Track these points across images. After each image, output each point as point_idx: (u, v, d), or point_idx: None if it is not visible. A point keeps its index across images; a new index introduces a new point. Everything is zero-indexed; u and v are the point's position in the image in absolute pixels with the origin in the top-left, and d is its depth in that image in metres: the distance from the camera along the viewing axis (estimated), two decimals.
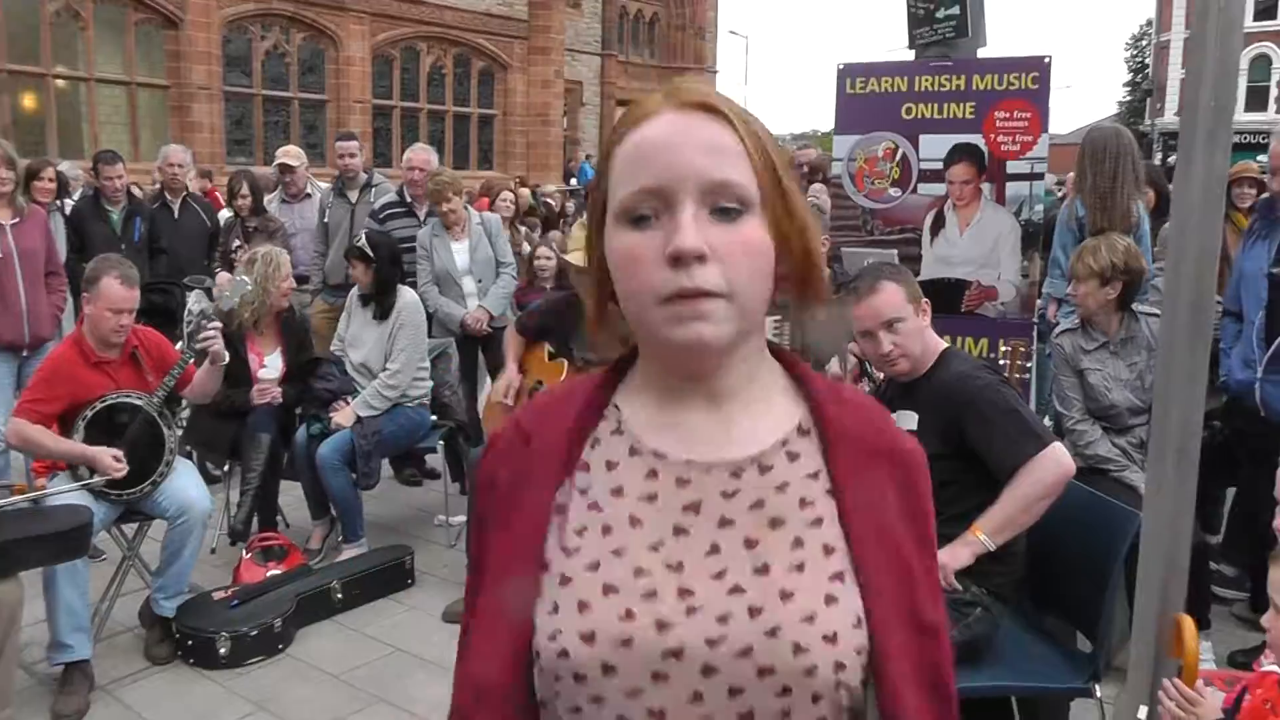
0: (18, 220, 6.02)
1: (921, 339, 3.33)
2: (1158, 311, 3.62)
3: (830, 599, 1.05)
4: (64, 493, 4.25)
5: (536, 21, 30.55)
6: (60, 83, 22.19)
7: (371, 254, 5.76)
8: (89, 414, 4.39)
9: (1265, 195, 4.70)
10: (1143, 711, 2.36)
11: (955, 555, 3.09)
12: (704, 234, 1.00)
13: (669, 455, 1.09)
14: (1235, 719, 2.33)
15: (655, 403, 1.12)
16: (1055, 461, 3.08)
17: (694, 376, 1.10)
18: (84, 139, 22.07)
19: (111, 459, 4.34)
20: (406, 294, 5.95)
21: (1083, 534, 3.33)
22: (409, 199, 7.22)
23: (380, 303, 5.83)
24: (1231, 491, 5.21)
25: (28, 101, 21.78)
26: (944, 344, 3.41)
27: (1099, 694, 3.17)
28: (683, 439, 1.10)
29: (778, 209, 1.06)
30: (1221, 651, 4.34)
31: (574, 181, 22.98)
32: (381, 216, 7.08)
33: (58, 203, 7.69)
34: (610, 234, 1.07)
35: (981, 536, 3.09)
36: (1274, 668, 2.36)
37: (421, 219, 7.06)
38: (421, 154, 7.37)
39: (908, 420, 3.29)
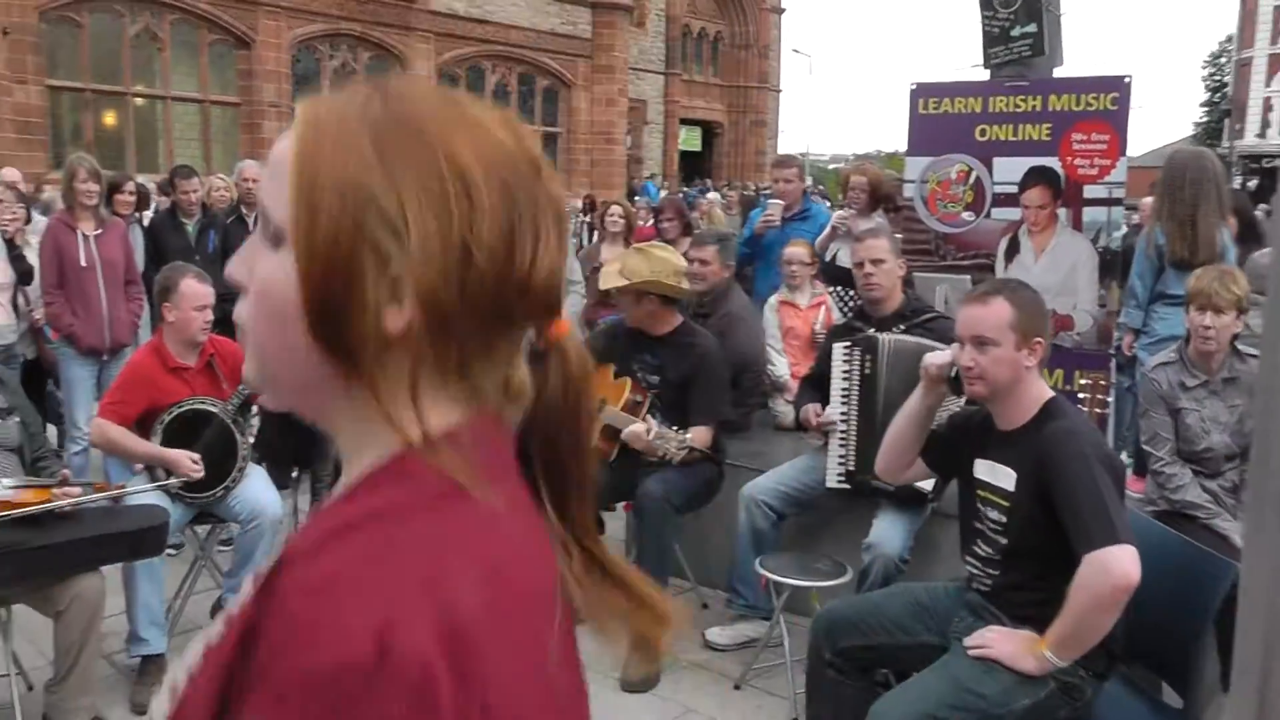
0: (100, 231, 6.32)
1: (1014, 374, 3.04)
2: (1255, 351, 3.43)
3: None
4: (142, 492, 4.31)
5: (600, 40, 30.69)
6: (139, 101, 22.94)
7: None
8: (166, 418, 4.45)
9: None
10: None
11: (1019, 661, 2.88)
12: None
13: None
14: None
15: None
16: (1105, 570, 2.71)
17: None
18: (159, 154, 22.73)
19: (189, 461, 4.40)
20: None
21: (1172, 583, 3.14)
22: None
23: None
24: None
25: (109, 119, 22.57)
26: (1049, 394, 3.12)
27: None
28: None
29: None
30: None
31: (637, 200, 22.98)
32: None
33: (137, 215, 7.84)
34: None
35: (1048, 653, 2.84)
36: None
37: None
38: None
39: (1005, 479, 3.09)
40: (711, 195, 20.03)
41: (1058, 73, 5.28)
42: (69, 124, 21.77)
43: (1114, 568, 2.71)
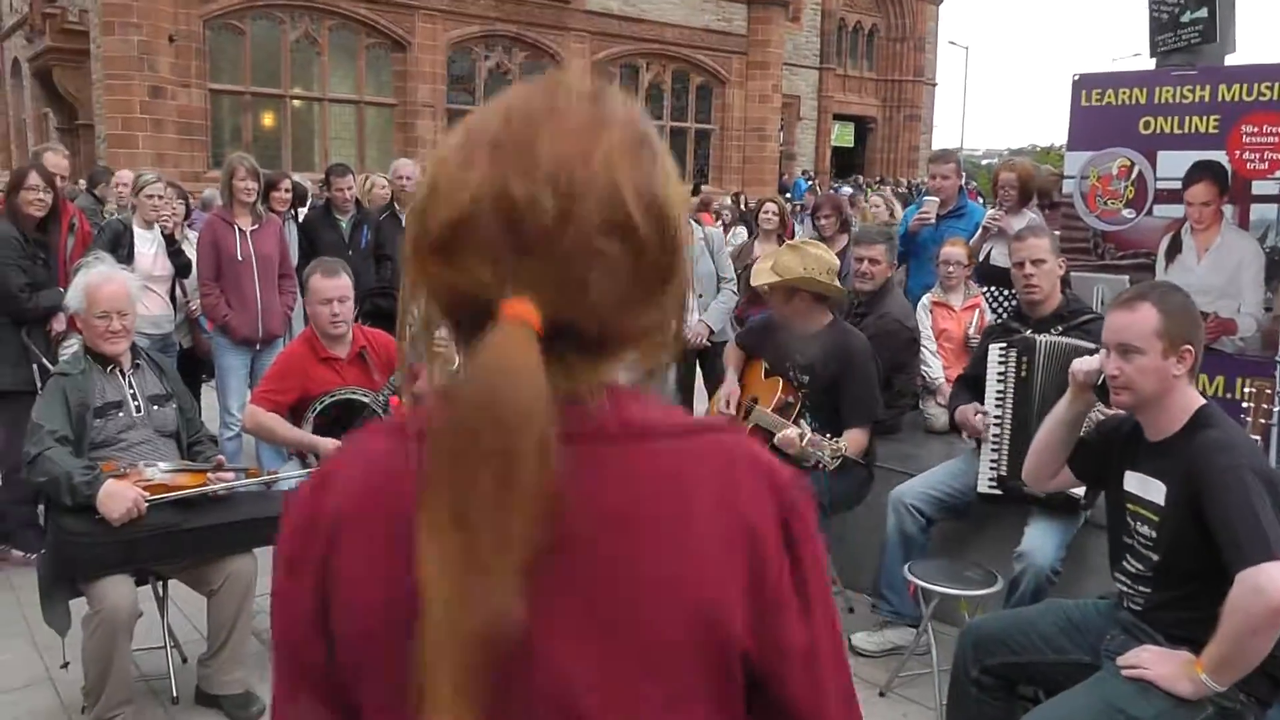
0: (256, 227, 6.66)
1: (1161, 383, 2.92)
2: None
3: None
4: (294, 478, 4.43)
5: (755, 36, 30.60)
6: (296, 103, 23.94)
7: None
8: (318, 406, 4.59)
9: None
10: None
11: (1175, 684, 2.75)
12: None
13: None
14: None
15: None
16: (1259, 589, 2.57)
17: None
18: (315, 154, 23.62)
19: (336, 448, 4.48)
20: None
21: None
22: None
23: None
24: None
25: (267, 120, 23.65)
26: (1200, 402, 2.98)
27: None
28: None
29: None
30: None
31: (789, 196, 22.83)
32: None
33: (292, 212, 8.12)
34: None
35: (1204, 676, 2.70)
36: None
37: None
38: None
39: (1155, 492, 2.96)
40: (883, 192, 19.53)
41: (1229, 60, 5.04)
42: (229, 125, 22.86)
43: (1268, 586, 2.57)
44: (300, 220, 8.26)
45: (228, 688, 4.09)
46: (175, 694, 4.16)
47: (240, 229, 6.55)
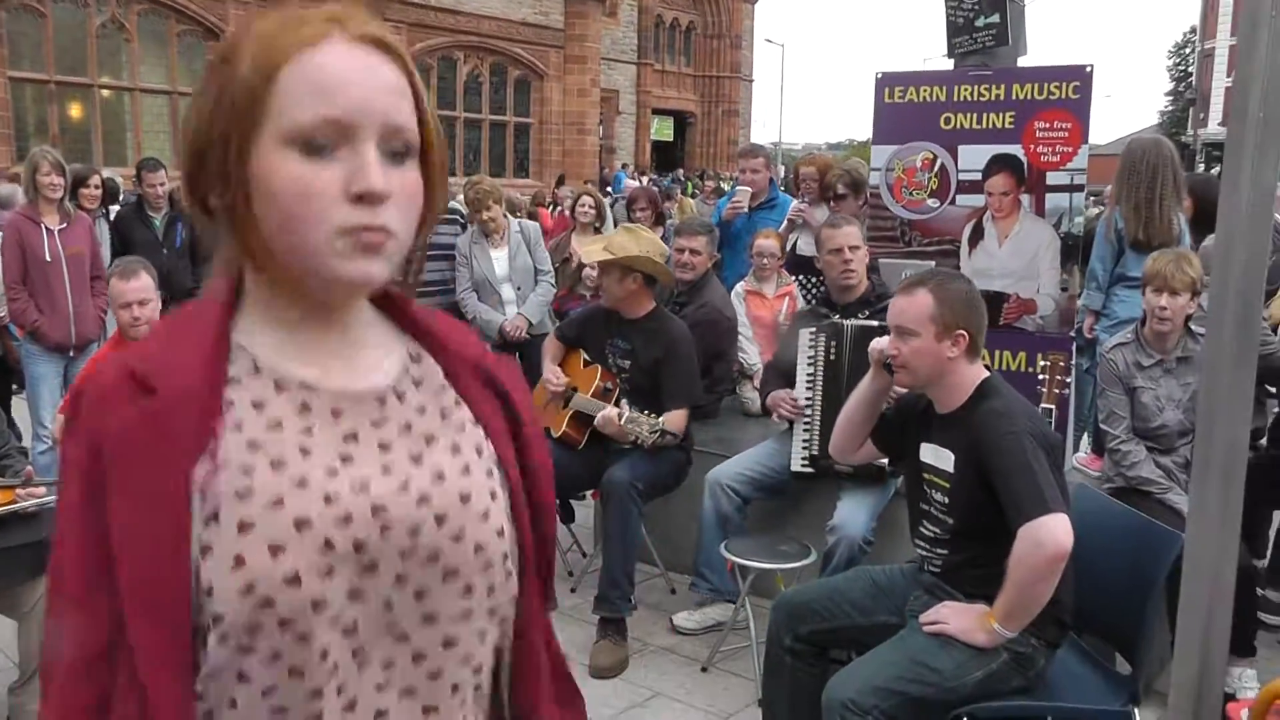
0: (65, 225, 6.32)
1: (936, 364, 3.14)
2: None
3: (494, 494, 1.14)
4: None
5: (573, 30, 30.68)
6: (105, 93, 22.74)
7: None
8: None
9: None
10: None
11: (971, 635, 2.98)
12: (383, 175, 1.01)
13: (317, 387, 1.08)
14: None
15: (285, 334, 1.09)
16: (1038, 541, 2.82)
17: (330, 306, 1.10)
18: (128, 147, 22.55)
19: None
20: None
21: (1123, 555, 3.26)
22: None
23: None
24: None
25: (74, 111, 22.36)
26: (983, 375, 3.20)
27: (1138, 717, 3.09)
28: (323, 370, 1.09)
29: (425, 153, 1.08)
30: (1266, 678, 4.23)
31: (610, 190, 22.98)
32: None
33: (103, 209, 7.79)
34: (270, 155, 1.00)
35: (997, 626, 2.94)
36: None
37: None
38: None
39: (946, 460, 3.17)
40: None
41: (1021, 62, 5.35)
42: (33, 117, 21.55)
43: (1045, 538, 2.82)
44: (112, 218, 7.94)
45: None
46: None
47: (48, 228, 6.21)
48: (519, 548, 1.16)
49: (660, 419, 4.55)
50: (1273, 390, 5.05)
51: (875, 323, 4.33)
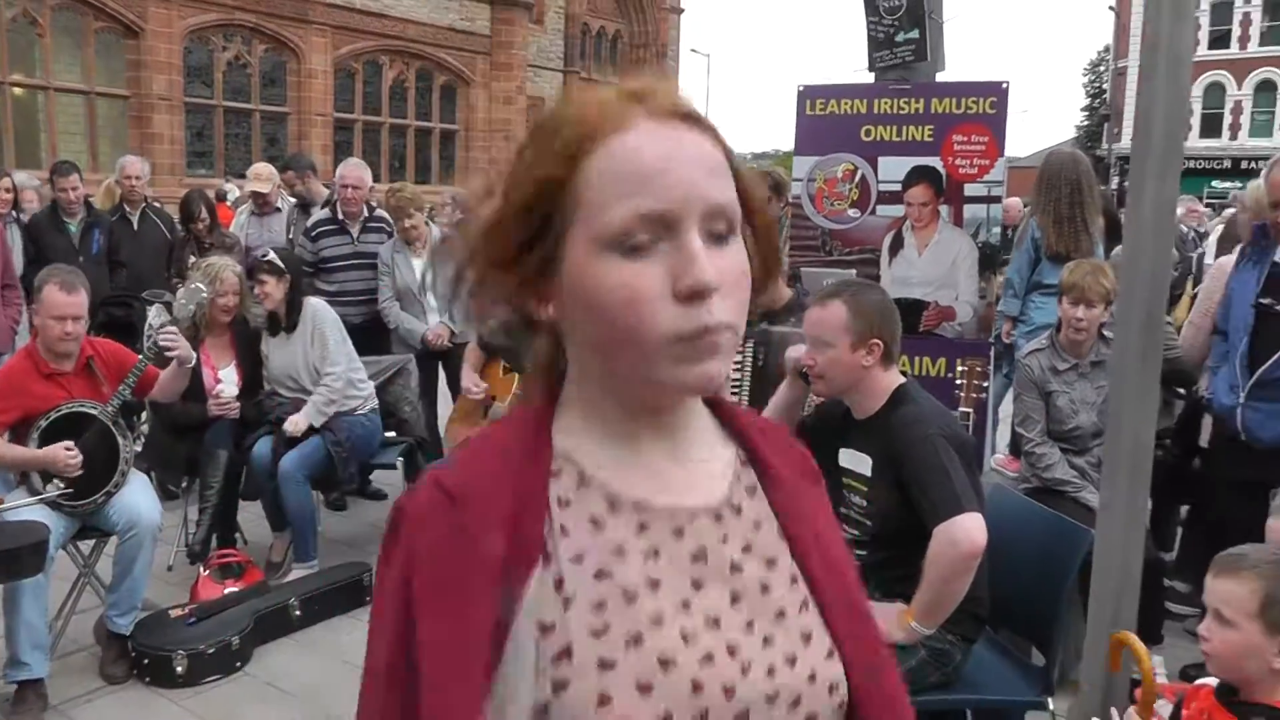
0: None
1: (851, 374, 3.20)
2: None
3: (814, 634, 1.03)
4: (20, 507, 4.19)
5: (499, 38, 30.66)
6: (17, 91, 22.13)
7: (284, 267, 5.65)
8: (43, 423, 4.33)
9: (1259, 222, 4.70)
10: None
11: (889, 634, 3.03)
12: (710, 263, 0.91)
13: (653, 503, 0.98)
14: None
15: (608, 443, 1.00)
16: (952, 540, 2.90)
17: (661, 409, 1.01)
18: (42, 149, 21.98)
19: (64, 452, 4.26)
20: (311, 301, 5.79)
21: (1037, 552, 3.39)
22: (341, 216, 6.98)
23: (288, 320, 5.66)
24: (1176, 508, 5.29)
25: None
26: (898, 381, 3.27)
27: (1051, 706, 3.22)
28: (654, 483, 1.00)
29: (747, 226, 0.98)
30: (1174, 666, 4.40)
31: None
32: (314, 234, 6.95)
33: (14, 214, 7.62)
34: (587, 259, 0.92)
35: (914, 624, 3.03)
36: (1211, 680, 2.42)
37: (355, 236, 6.92)
38: (355, 170, 7.08)
39: (863, 465, 3.25)
40: None
41: (940, 78, 5.49)
42: None
43: (960, 536, 2.90)
44: (24, 223, 7.73)
45: None
46: None
47: None
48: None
49: None
50: (1181, 392, 5.24)
51: (799, 330, 4.44)
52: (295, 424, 5.45)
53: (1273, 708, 2.20)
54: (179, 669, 4.39)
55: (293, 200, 8.23)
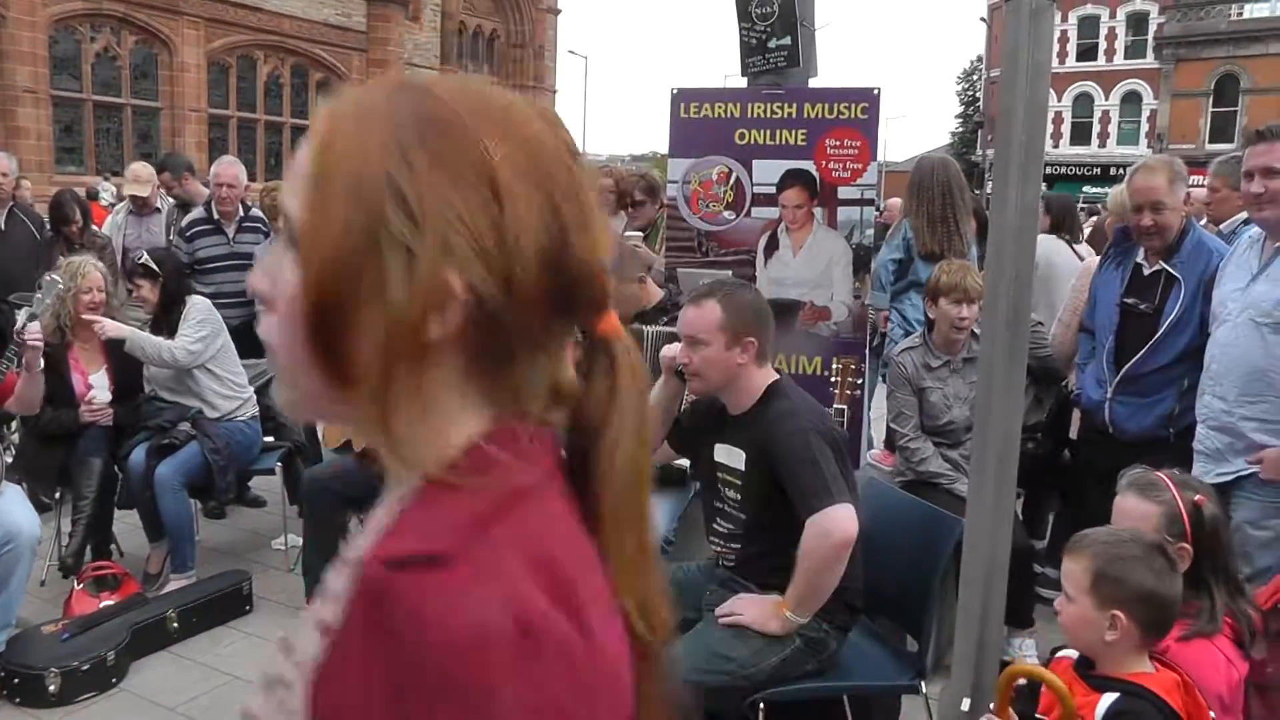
0: None
1: (726, 372, 3.27)
2: None
3: None
4: None
5: (375, 34, 30.31)
6: None
7: (158, 269, 5.55)
8: None
9: (1121, 225, 4.87)
10: (965, 704, 2.50)
11: (765, 624, 3.14)
12: None
13: None
14: (1036, 700, 2.51)
15: None
16: (824, 531, 3.00)
17: None
18: None
19: None
20: (195, 300, 5.68)
21: (910, 541, 3.52)
22: (216, 215, 6.85)
23: (168, 320, 5.56)
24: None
25: None
26: (772, 378, 3.36)
27: (924, 690, 3.34)
28: None
29: None
30: (1044, 649, 4.57)
31: None
32: (189, 234, 6.81)
33: None
34: None
35: (789, 614, 3.11)
36: (1069, 653, 2.55)
37: (230, 236, 6.80)
38: (230, 168, 6.94)
39: (737, 459, 3.33)
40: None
41: (813, 83, 5.60)
42: None
43: (831, 526, 3.01)
44: None
45: None
46: None
47: None
48: None
49: None
50: (1064, 386, 5.42)
51: (674, 329, 4.51)
52: (104, 328, 5.31)
53: (1125, 681, 2.33)
54: (51, 688, 4.23)
55: (172, 200, 8.02)
